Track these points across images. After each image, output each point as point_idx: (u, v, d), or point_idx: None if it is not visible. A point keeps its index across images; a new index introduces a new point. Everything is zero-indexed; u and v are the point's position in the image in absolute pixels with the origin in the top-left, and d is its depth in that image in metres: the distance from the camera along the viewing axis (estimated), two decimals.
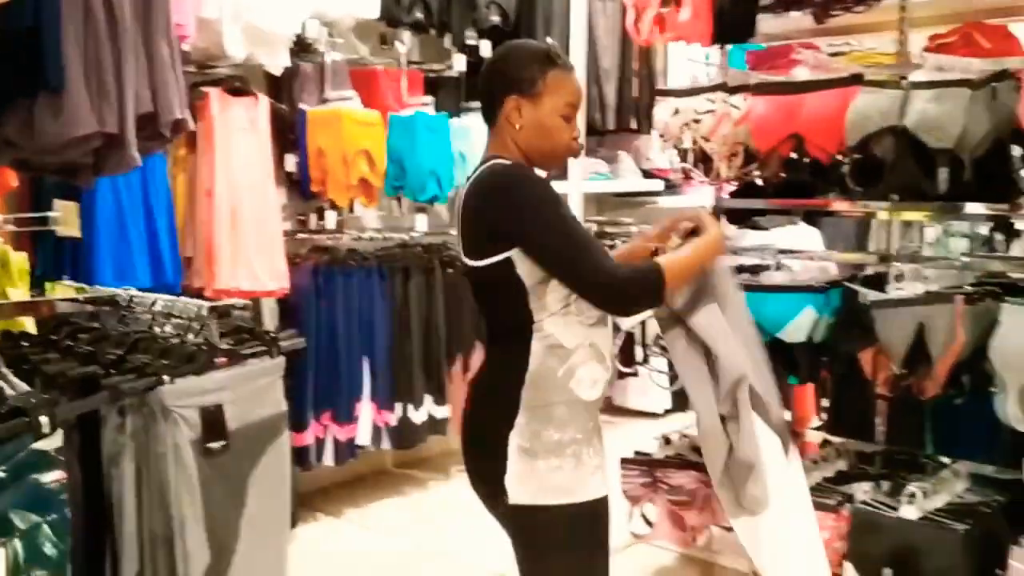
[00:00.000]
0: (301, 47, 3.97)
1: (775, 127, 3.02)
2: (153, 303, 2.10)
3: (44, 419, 1.58)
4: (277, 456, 1.97)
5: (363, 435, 4.10)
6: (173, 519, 1.80)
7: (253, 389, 1.91)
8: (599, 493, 1.89)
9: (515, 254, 1.82)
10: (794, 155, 3.04)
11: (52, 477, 1.61)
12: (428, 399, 4.35)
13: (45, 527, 1.59)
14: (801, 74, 3.09)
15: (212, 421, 1.83)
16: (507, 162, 1.89)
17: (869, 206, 3.13)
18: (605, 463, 1.95)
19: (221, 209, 3.60)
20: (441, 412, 4.39)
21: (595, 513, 1.89)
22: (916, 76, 2.82)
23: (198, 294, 3.46)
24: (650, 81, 5.35)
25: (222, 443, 1.85)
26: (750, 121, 3.10)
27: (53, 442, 1.62)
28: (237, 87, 3.71)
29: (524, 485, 1.85)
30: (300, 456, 3.88)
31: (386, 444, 4.25)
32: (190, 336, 1.99)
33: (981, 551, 2.71)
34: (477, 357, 4.50)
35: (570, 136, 1.94)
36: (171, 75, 2.15)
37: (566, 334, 1.86)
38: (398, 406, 4.25)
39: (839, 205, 3.18)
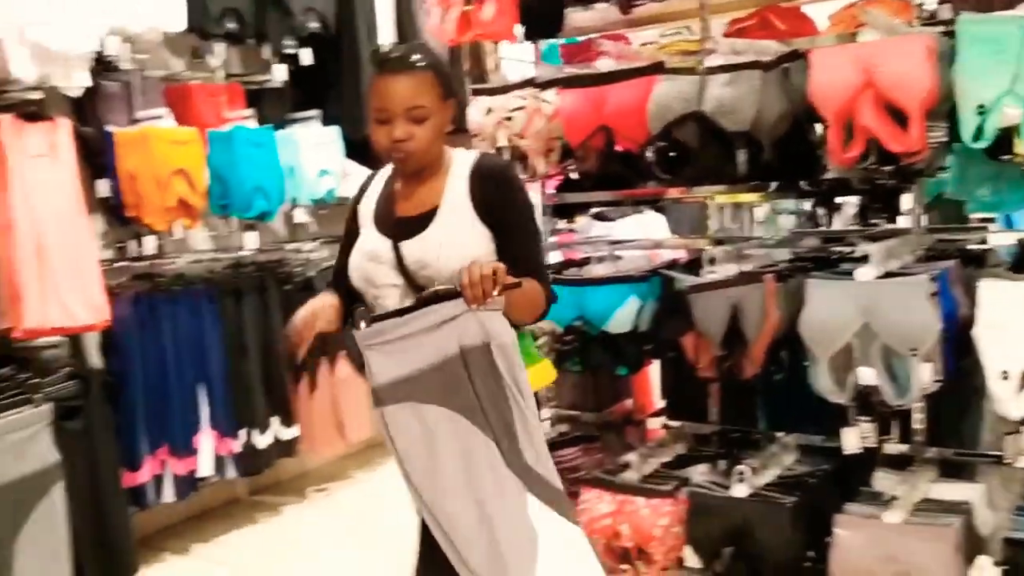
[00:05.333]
0: (103, 65, 3.76)
1: (584, 120, 3.01)
2: None
3: None
4: (49, 514, 1.82)
5: (205, 466, 3.92)
6: None
7: (3, 446, 1.76)
8: None
9: None
10: (606, 146, 3.04)
11: None
12: (274, 421, 4.21)
13: None
14: (605, 65, 3.09)
15: None
16: None
17: (694, 191, 3.15)
18: None
19: (24, 243, 3.36)
20: (288, 433, 4.25)
21: None
22: (712, 61, 2.85)
23: (4, 336, 3.24)
24: (482, 81, 5.31)
25: None
26: (561, 116, 3.09)
27: None
28: (32, 111, 3.48)
29: None
30: (137, 495, 3.68)
31: (232, 473, 4.08)
32: None
33: (809, 521, 2.76)
34: (323, 373, 4.38)
35: (387, 140, 1.96)
36: None
37: None
38: (241, 432, 4.09)
39: (674, 193, 3.22)
